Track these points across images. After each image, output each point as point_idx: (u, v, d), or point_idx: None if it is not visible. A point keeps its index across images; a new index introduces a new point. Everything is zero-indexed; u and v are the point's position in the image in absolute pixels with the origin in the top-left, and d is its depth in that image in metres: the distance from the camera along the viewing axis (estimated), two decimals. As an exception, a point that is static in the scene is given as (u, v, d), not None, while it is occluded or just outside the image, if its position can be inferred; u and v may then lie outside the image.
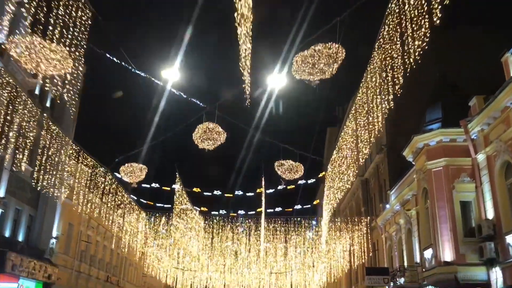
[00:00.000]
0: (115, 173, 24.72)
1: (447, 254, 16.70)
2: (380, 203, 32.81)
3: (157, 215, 31.37)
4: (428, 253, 18.03)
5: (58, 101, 29.91)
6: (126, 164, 21.86)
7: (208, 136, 16.87)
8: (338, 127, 46.91)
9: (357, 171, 21.34)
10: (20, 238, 25.35)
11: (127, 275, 44.23)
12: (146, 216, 31.96)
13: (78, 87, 28.54)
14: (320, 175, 24.82)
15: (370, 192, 36.80)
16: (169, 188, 24.92)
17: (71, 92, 13.12)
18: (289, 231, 32.57)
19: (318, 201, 29.63)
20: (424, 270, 18.75)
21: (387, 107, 13.40)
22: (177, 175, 23.80)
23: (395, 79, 12.20)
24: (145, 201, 27.61)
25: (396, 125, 30.36)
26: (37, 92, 26.96)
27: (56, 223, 27.63)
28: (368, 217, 32.31)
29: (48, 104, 28.28)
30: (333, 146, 48.86)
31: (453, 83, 19.37)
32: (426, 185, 18.39)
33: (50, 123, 22.95)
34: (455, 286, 15.52)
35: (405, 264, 23.80)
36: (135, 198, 28.32)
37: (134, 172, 21.95)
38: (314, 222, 32.43)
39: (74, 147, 25.18)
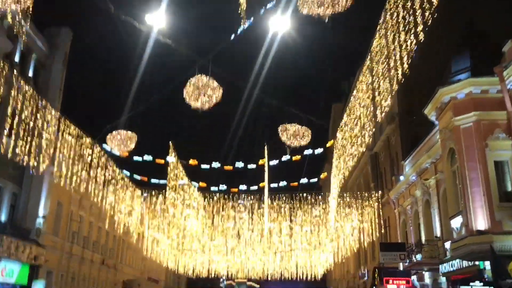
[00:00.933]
0: (104, 145, 22.55)
1: (480, 222, 14.54)
2: (391, 176, 30.62)
3: (153, 193, 29.21)
4: (456, 222, 15.88)
5: (42, 69, 27.96)
6: (113, 132, 19.68)
7: (202, 92, 14.60)
8: (344, 103, 44.55)
9: (373, 130, 19.14)
10: (3, 217, 23.28)
11: (125, 258, 42.36)
12: (141, 194, 29.84)
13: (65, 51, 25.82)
14: (329, 144, 22.59)
15: (380, 166, 34.59)
16: (163, 161, 22.72)
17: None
18: (294, 208, 30.44)
19: (325, 174, 27.47)
20: (451, 241, 16.61)
21: (413, 45, 11.26)
22: (171, 145, 21.59)
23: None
24: (139, 177, 25.39)
25: (409, 92, 28.12)
26: (17, 59, 24.71)
27: (42, 202, 25.54)
28: (380, 191, 30.14)
29: (30, 74, 26.01)
30: (339, 124, 46.48)
31: (481, 30, 16.96)
32: (453, 145, 16.14)
33: (33, 91, 20.88)
34: (491, 257, 13.38)
35: (423, 239, 21.68)
36: (128, 173, 26.12)
37: (122, 140, 19.77)
38: (321, 198, 30.25)
39: (60, 117, 23.11)
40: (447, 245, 18.75)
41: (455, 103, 15.83)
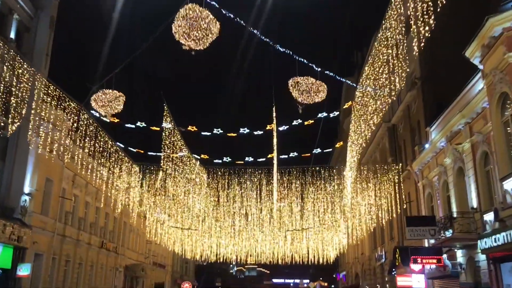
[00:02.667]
0: (93, 112, 20.02)
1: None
2: (413, 147, 27.82)
3: (152, 168, 26.70)
4: (510, 184, 13.15)
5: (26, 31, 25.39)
6: (99, 92, 17.11)
7: (195, 27, 11.89)
8: (357, 76, 41.58)
9: (392, 97, 16.65)
10: (-18, 194, 20.96)
11: (127, 241, 40.13)
12: (139, 170, 27.36)
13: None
14: (346, 105, 19.84)
15: (399, 139, 31.77)
16: (158, 128, 20.18)
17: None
18: (306, 183, 27.81)
19: (341, 143, 24.73)
20: (503, 208, 13.87)
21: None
22: (165, 107, 18.98)
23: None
24: (134, 150, 22.89)
25: (431, 55, 25.28)
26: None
27: (28, 178, 23.15)
28: (401, 164, 27.37)
29: (12, 35, 23.44)
30: (351, 99, 43.52)
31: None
32: (506, 88, 13.25)
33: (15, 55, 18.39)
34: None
35: (454, 212, 18.96)
36: (122, 146, 23.63)
37: (108, 101, 17.20)
38: (335, 172, 27.58)
39: (47, 84, 20.68)
40: (487, 217, 16.06)
41: (509, 36, 12.96)
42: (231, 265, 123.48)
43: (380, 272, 36.26)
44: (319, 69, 15.81)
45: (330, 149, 24.45)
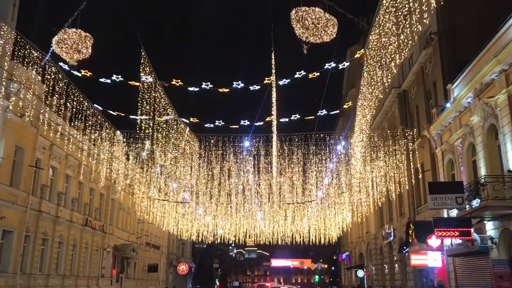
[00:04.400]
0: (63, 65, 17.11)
1: None
2: (430, 110, 24.95)
3: (137, 136, 23.79)
4: None
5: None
6: (60, 32, 14.15)
7: None
8: (363, 43, 38.46)
9: (404, 56, 14.22)
10: None
11: (116, 220, 37.45)
12: (124, 138, 24.52)
13: None
14: (358, 54, 16.89)
15: (410, 105, 28.91)
16: (137, 83, 17.21)
17: None
18: (308, 153, 24.99)
19: (350, 103, 21.83)
20: None
21: None
22: (143, 54, 15.94)
23: None
24: (114, 112, 19.92)
25: (451, 7, 22.32)
26: None
27: (-7, 144, 20.31)
28: (415, 130, 24.53)
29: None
30: (355, 71, 40.34)
31: None
32: None
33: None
34: None
35: (484, 176, 16.18)
36: (100, 108, 20.67)
37: (73, 43, 14.24)
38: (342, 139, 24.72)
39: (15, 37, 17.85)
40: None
41: None
42: (230, 247, 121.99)
43: (388, 251, 33.72)
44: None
45: (337, 111, 21.58)
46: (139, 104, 17.16)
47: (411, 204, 27.88)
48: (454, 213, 18.93)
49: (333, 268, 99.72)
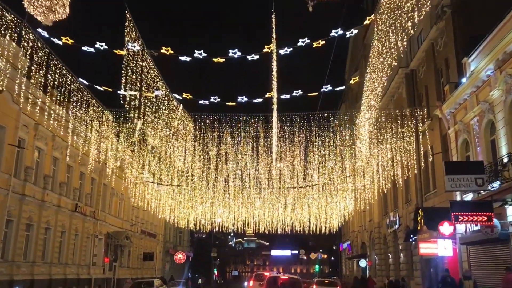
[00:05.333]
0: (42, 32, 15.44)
1: None
2: (438, 92, 23.35)
3: (126, 115, 22.09)
4: None
5: None
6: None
7: None
8: (367, 24, 36.61)
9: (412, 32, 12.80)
10: None
11: (109, 206, 35.98)
12: (114, 117, 22.83)
13: None
14: (368, 20, 15.23)
15: (419, 86, 27.30)
16: (123, 52, 15.55)
17: None
18: (311, 135, 23.36)
19: (357, 79, 20.06)
20: None
21: None
22: (128, 17, 14.27)
23: None
24: (101, 88, 18.25)
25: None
26: None
27: (-31, 120, 18.71)
28: (425, 109, 22.91)
29: None
30: (358, 55, 38.48)
31: None
32: None
33: None
34: None
35: (506, 155, 14.61)
36: (86, 83, 18.97)
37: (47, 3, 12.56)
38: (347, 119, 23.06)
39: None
40: None
41: None
42: (229, 237, 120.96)
43: (392, 240, 32.26)
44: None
45: (343, 87, 19.89)
46: (124, 75, 15.46)
47: (418, 190, 26.39)
48: (468, 197, 17.39)
49: (332, 258, 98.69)
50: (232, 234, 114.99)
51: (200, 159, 26.31)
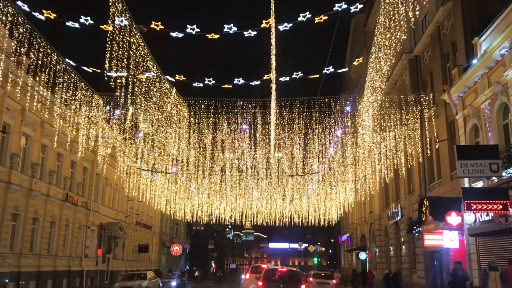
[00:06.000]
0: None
1: None
2: (443, 78, 22.26)
3: (118, 99, 20.94)
4: None
5: None
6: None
7: None
8: (368, 12, 35.56)
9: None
10: None
11: (103, 197, 34.93)
12: (104, 102, 21.70)
13: None
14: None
15: (423, 72, 26.24)
16: (110, 27, 14.38)
17: None
18: (312, 120, 22.27)
19: (360, 59, 18.92)
20: None
21: None
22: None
23: None
24: (88, 69, 17.11)
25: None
26: None
27: None
28: (431, 94, 21.83)
29: None
30: (360, 41, 37.23)
31: None
32: None
33: None
34: None
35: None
36: (72, 63, 17.80)
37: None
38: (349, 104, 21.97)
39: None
40: None
41: None
42: (227, 229, 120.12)
43: (393, 232, 31.31)
44: None
45: (345, 69, 18.74)
46: (109, 51, 14.29)
47: (422, 180, 25.40)
48: (478, 185, 16.36)
49: (330, 251, 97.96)
50: (230, 227, 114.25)
51: (195, 146, 25.27)
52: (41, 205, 24.94)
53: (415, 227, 23.82)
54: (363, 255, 38.64)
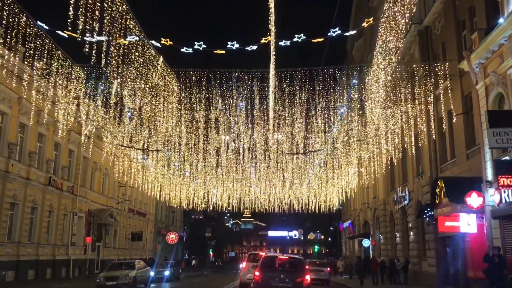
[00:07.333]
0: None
1: None
2: (459, 49, 20.15)
3: (101, 71, 18.83)
4: None
5: None
6: None
7: None
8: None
9: None
10: None
11: (91, 182, 32.95)
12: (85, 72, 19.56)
13: None
14: None
15: (434, 44, 24.14)
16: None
17: None
18: (315, 93, 20.21)
19: (371, 20, 16.77)
20: None
21: None
22: None
23: None
24: (64, 34, 15.02)
25: None
26: None
27: None
28: (447, 64, 19.74)
29: None
30: (363, 17, 34.81)
31: None
32: None
33: None
34: None
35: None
36: (46, 27, 15.66)
37: None
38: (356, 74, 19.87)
39: None
40: None
41: None
42: (225, 217, 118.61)
43: (400, 218, 29.42)
44: None
45: (353, 31, 16.66)
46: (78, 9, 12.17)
47: (433, 161, 23.45)
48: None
49: (329, 239, 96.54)
50: (228, 215, 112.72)
51: (187, 125, 23.24)
52: (20, 189, 22.97)
53: (426, 211, 21.94)
54: (366, 242, 36.87)
